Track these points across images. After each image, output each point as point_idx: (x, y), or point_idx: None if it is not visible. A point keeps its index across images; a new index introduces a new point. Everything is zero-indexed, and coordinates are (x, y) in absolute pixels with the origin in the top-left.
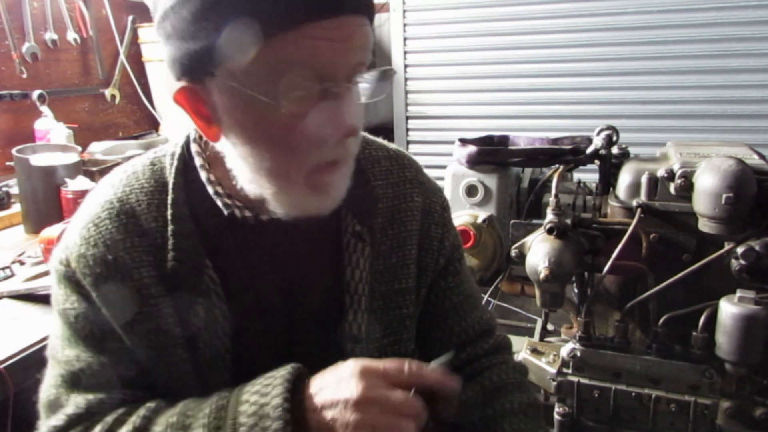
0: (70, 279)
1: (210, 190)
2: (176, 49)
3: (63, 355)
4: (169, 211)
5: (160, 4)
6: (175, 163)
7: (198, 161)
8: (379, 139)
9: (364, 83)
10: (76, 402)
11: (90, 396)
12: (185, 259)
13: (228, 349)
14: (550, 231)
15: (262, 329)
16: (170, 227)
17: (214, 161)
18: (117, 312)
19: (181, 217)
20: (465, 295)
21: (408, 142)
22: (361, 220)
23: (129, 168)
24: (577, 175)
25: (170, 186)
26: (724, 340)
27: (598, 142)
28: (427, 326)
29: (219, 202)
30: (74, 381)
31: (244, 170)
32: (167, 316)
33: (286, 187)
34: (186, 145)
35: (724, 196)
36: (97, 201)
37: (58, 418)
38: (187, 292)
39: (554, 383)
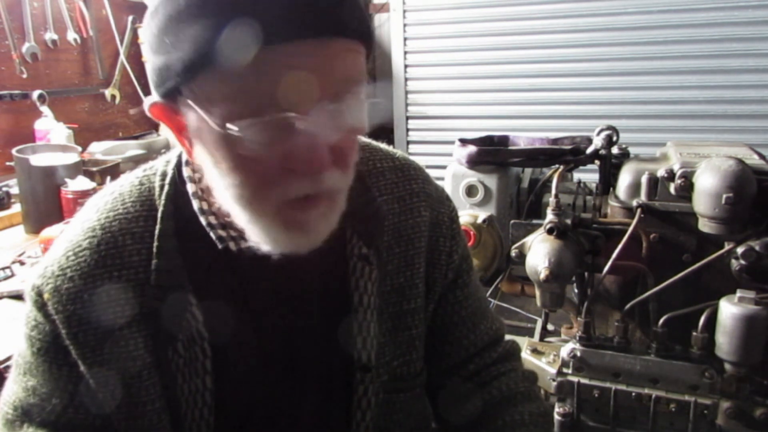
0: (40, 309)
1: (203, 221)
2: (149, 61)
3: (23, 379)
4: (155, 244)
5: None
6: (167, 187)
7: (191, 188)
8: (384, 146)
9: (353, 110)
10: None
11: None
12: (168, 296)
13: (208, 387)
14: (550, 231)
15: (257, 366)
16: (154, 261)
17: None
18: (86, 350)
19: (168, 250)
20: (474, 307)
21: (408, 142)
22: (367, 241)
23: (116, 188)
24: (577, 175)
25: (159, 214)
26: (724, 340)
27: (598, 142)
28: (435, 340)
29: (212, 235)
30: (27, 412)
31: (221, 193)
32: (138, 357)
33: (256, 219)
34: (178, 167)
35: (724, 196)
36: (80, 226)
37: None
38: (167, 330)
39: (554, 383)
